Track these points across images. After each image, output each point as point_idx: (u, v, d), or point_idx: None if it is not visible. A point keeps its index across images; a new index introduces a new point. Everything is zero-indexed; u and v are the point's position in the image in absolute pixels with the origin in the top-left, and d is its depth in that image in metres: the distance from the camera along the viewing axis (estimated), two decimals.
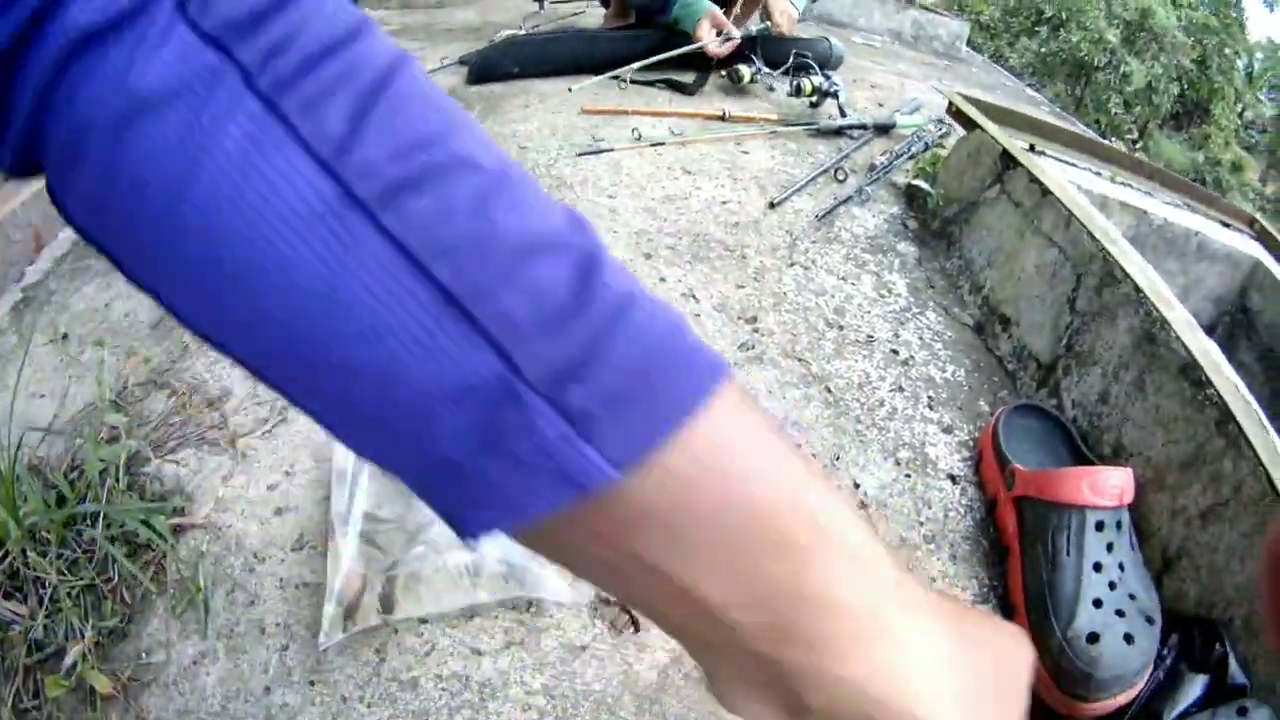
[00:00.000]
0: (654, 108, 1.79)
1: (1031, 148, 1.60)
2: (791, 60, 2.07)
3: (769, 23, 2.11)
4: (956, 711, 0.26)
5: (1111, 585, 0.78)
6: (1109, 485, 0.82)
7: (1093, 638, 0.74)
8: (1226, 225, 1.93)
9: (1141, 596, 0.78)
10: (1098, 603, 0.76)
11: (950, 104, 1.61)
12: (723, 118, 1.76)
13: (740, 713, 0.27)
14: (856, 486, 0.90)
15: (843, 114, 1.86)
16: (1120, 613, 0.76)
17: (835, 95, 1.88)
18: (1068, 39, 9.10)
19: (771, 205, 1.38)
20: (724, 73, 2.02)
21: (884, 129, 1.86)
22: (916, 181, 1.45)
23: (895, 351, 1.11)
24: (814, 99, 1.89)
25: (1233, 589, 0.79)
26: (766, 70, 2.03)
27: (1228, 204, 2.04)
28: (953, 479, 0.95)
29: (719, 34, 1.98)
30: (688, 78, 2.00)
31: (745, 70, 1.99)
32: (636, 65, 1.92)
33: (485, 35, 2.44)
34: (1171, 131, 12.39)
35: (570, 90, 1.82)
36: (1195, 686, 0.73)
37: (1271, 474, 0.78)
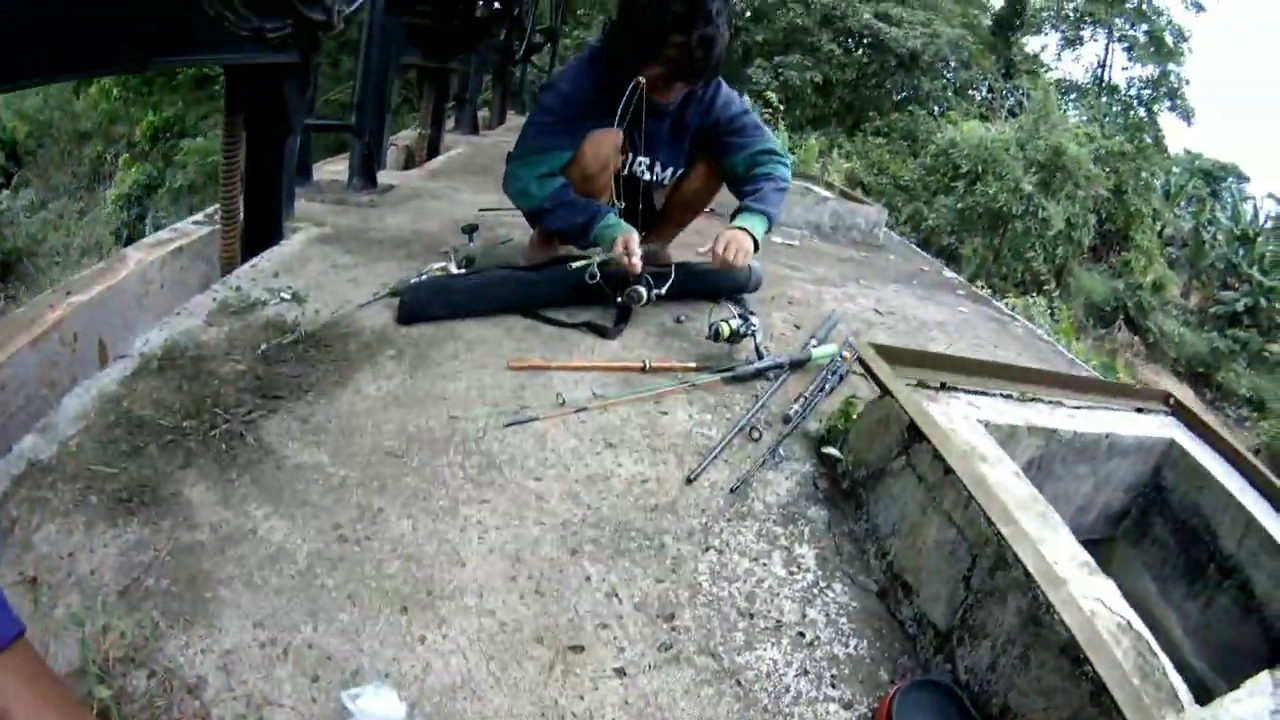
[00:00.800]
0: (577, 359, 2.05)
1: (943, 385, 1.85)
2: (671, 279, 2.33)
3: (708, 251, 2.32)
4: None
5: None
6: None
7: None
8: (1141, 410, 2.21)
9: None
10: None
11: (860, 360, 1.86)
12: (643, 369, 2.02)
13: None
14: None
15: (760, 355, 2.14)
16: None
17: (752, 335, 2.16)
18: (984, 191, 10.07)
19: (689, 480, 1.60)
20: (619, 297, 2.29)
21: (799, 364, 2.14)
22: (828, 449, 1.70)
23: (802, 634, 1.30)
24: (731, 339, 2.16)
25: None
26: (658, 291, 2.30)
27: (1140, 389, 2.34)
28: None
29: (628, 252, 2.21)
30: (608, 320, 2.28)
31: (643, 291, 2.28)
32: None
33: (415, 252, 2.71)
34: (1090, 264, 13.43)
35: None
36: None
37: None
